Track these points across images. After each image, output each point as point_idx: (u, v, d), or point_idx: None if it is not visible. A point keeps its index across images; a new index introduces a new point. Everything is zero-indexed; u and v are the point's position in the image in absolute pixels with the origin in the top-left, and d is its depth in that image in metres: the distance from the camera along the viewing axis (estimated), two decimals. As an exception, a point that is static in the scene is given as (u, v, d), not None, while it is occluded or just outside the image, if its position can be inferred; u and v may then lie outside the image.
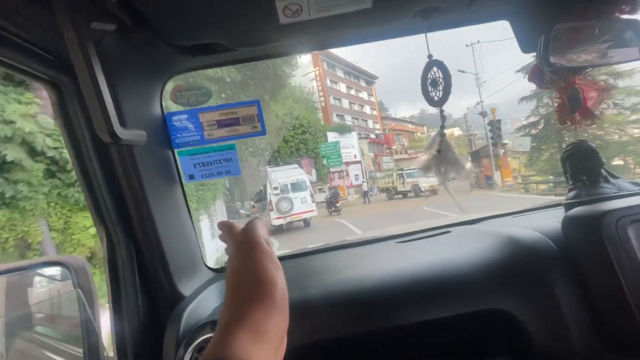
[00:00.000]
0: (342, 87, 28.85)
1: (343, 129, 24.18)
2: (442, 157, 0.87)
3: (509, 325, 0.63)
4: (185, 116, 0.85)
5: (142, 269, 0.76)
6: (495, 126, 14.32)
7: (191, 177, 0.91)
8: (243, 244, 0.41)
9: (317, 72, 26.17)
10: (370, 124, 32.00)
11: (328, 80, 26.88)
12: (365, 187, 20.30)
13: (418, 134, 43.59)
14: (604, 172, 0.84)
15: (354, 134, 24.52)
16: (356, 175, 22.30)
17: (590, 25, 0.79)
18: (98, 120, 0.52)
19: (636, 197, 0.70)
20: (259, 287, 0.35)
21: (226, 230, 0.49)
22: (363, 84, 32.18)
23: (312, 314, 0.68)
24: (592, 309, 0.60)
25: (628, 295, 0.55)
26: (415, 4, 0.66)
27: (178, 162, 0.89)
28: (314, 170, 21.46)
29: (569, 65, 0.78)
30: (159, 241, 0.76)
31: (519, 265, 0.66)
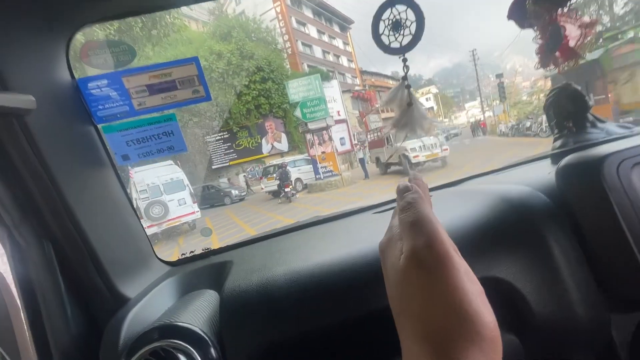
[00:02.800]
0: (313, 32, 23.76)
1: (321, 76, 17.64)
2: (415, 111, 0.77)
3: (506, 294, 0.56)
4: (105, 81, 0.68)
5: (68, 273, 0.62)
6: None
7: (125, 157, 0.75)
8: (423, 252, 0.28)
9: (278, 9, 20.27)
10: (349, 79, 27.24)
11: (294, 20, 21.56)
12: (361, 154, 14.15)
13: (400, 90, 42.29)
14: (590, 117, 0.77)
15: (335, 84, 17.39)
16: (342, 138, 16.30)
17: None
18: None
19: (629, 139, 0.63)
20: (464, 325, 0.25)
21: (399, 198, 0.35)
22: (337, 29, 27.26)
23: (279, 306, 0.57)
24: (595, 266, 0.54)
25: (634, 247, 0.49)
26: None
27: (105, 140, 0.72)
28: (283, 136, 15.86)
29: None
30: (85, 236, 0.61)
31: (509, 225, 0.58)
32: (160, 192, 8.69)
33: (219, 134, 15.10)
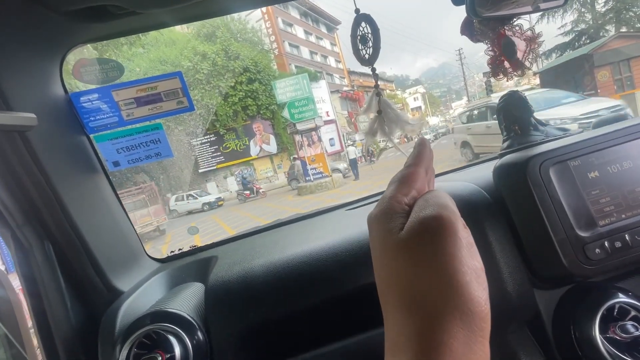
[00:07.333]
0: (300, 32, 23.51)
1: (309, 76, 16.34)
2: (385, 117, 0.85)
3: None
4: (96, 95, 0.75)
5: (68, 270, 0.68)
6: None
7: (116, 164, 0.82)
8: (431, 223, 0.26)
9: (263, 10, 19.75)
10: (337, 79, 26.88)
11: (280, 21, 21.43)
12: (352, 154, 12.87)
13: (387, 91, 42.69)
14: (533, 121, 0.87)
15: (324, 84, 17.23)
16: (331, 139, 16.11)
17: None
18: None
19: (562, 139, 0.74)
20: (453, 297, 0.24)
21: (412, 163, 0.32)
22: (324, 30, 27.06)
23: (257, 293, 0.66)
24: (521, 249, 0.64)
25: (551, 233, 0.59)
26: None
27: (97, 148, 0.79)
28: (272, 138, 15.79)
29: (496, 14, 0.78)
30: (81, 237, 0.68)
31: None
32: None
33: (206, 137, 14.83)
